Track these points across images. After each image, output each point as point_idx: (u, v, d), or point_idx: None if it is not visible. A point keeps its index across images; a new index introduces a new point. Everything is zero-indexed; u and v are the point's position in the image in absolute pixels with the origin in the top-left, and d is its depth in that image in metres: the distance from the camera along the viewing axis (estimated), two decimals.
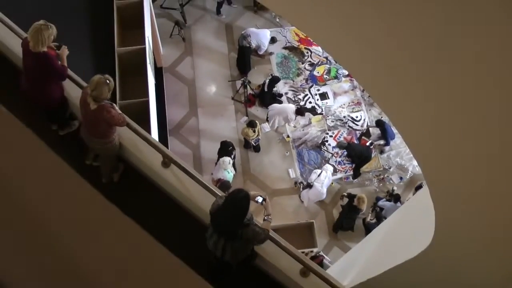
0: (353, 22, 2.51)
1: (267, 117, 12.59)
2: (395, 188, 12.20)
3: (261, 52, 13.79)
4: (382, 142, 12.66)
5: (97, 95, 5.42)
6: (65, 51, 6.03)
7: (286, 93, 13.64)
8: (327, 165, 12.01)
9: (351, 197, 11.24)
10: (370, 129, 13.04)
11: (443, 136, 2.59)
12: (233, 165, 11.09)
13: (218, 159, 10.94)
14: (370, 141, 12.69)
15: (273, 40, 14.07)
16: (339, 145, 12.30)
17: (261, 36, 13.47)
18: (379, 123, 12.53)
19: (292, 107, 12.48)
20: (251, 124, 11.76)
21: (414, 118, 2.70)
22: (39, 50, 5.62)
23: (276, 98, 13.27)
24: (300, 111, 12.55)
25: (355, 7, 2.44)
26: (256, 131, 11.85)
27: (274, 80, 13.19)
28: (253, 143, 12.27)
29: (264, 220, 5.41)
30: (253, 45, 13.33)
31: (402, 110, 2.73)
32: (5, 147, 1.23)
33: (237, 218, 5.03)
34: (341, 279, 5.77)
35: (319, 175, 11.39)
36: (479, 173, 2.59)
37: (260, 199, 5.45)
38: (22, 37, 6.18)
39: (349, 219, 11.40)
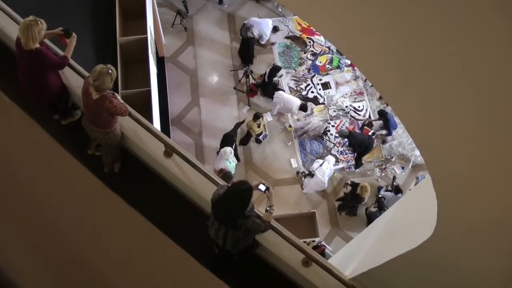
0: (356, 9, 2.50)
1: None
2: (396, 177, 12.23)
3: (263, 42, 13.76)
4: (384, 132, 12.67)
5: (99, 85, 5.41)
6: (73, 41, 6.01)
7: (287, 83, 13.63)
8: (330, 156, 12.02)
9: (354, 185, 11.28)
10: (373, 120, 13.03)
11: (446, 124, 2.59)
12: (235, 155, 11.08)
13: (219, 150, 10.95)
14: (372, 131, 12.70)
15: (275, 29, 14.04)
16: (341, 134, 12.31)
17: (263, 25, 13.43)
18: (382, 113, 12.55)
19: (298, 102, 12.51)
20: (256, 116, 11.77)
21: (416, 106, 2.69)
22: (32, 47, 5.60)
23: (277, 88, 13.24)
24: (304, 107, 12.57)
25: None
26: (261, 125, 11.82)
27: (275, 69, 13.18)
28: (261, 138, 12.33)
29: (266, 211, 5.41)
30: (256, 35, 13.29)
31: (404, 99, 2.73)
32: (8, 137, 1.22)
33: (238, 209, 5.03)
34: (343, 268, 5.78)
35: (321, 165, 11.39)
36: (482, 161, 2.58)
37: (263, 187, 5.45)
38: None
39: (352, 208, 11.47)
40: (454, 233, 3.33)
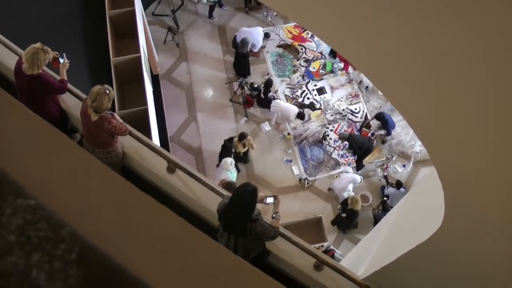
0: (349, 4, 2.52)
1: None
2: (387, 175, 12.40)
3: (256, 50, 13.78)
4: (383, 132, 12.69)
5: (97, 106, 5.42)
6: (66, 66, 6.03)
7: (283, 91, 13.65)
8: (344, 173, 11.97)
9: (344, 203, 11.22)
10: (371, 122, 13.06)
11: (447, 113, 2.60)
12: (236, 165, 11.05)
13: (219, 161, 10.93)
14: (371, 132, 12.72)
15: (266, 36, 14.13)
16: (341, 137, 12.31)
17: (255, 34, 13.48)
18: (379, 117, 12.56)
19: (295, 110, 12.53)
20: (241, 136, 11.48)
21: (415, 98, 2.70)
22: (33, 73, 5.61)
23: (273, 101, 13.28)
24: (301, 115, 12.58)
25: None
26: (246, 144, 11.68)
27: (269, 84, 13.19)
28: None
29: (272, 218, 5.41)
30: (249, 46, 13.31)
31: (403, 92, 2.74)
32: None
33: (245, 212, 5.01)
34: (355, 269, 5.77)
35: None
36: (486, 148, 2.59)
37: (270, 199, 5.47)
38: (11, 49, 6.15)
39: (351, 221, 11.43)
40: (462, 222, 3.34)
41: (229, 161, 10.46)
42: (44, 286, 0.52)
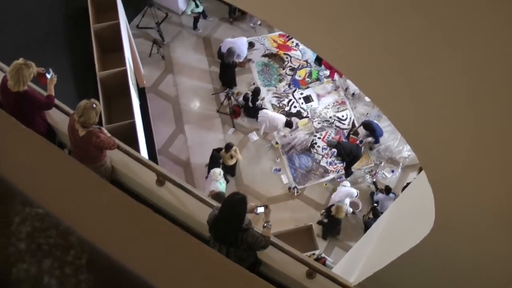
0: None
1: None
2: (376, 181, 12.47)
3: (241, 60, 13.77)
4: (370, 139, 12.75)
5: (85, 120, 5.40)
6: (54, 81, 6.00)
7: (270, 101, 13.69)
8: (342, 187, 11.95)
9: (328, 210, 11.23)
10: (358, 129, 13.09)
11: (435, 115, 2.62)
12: (224, 176, 11.03)
13: (208, 172, 10.92)
14: (360, 139, 12.76)
15: (251, 45, 14.15)
16: (329, 144, 12.34)
17: (239, 44, 13.47)
18: (367, 126, 12.60)
19: (283, 119, 12.54)
20: (227, 147, 11.49)
21: (402, 102, 2.72)
22: (20, 90, 5.59)
23: (260, 109, 13.29)
24: (289, 124, 12.61)
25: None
26: (233, 156, 11.67)
27: (256, 92, 13.21)
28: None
29: (264, 227, 5.41)
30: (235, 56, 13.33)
31: (390, 96, 2.76)
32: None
33: (235, 221, 5.01)
34: (347, 276, 5.78)
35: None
36: (474, 150, 2.62)
37: (261, 209, 5.48)
38: None
39: (333, 232, 11.47)
40: (453, 223, 3.36)
41: (218, 171, 10.46)
42: None
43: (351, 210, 11.50)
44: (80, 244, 0.56)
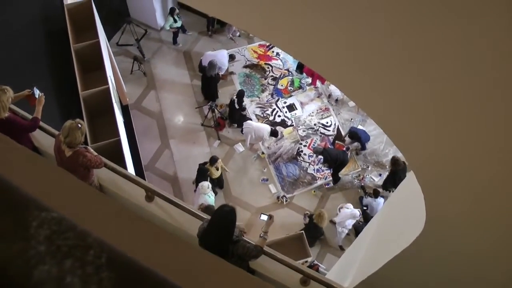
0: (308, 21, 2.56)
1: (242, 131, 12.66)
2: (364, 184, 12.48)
3: (222, 73, 13.82)
4: (356, 144, 12.83)
5: (71, 141, 5.37)
6: (42, 101, 5.98)
7: (254, 112, 13.72)
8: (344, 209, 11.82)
9: (311, 216, 11.21)
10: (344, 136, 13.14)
11: (421, 115, 2.64)
12: (212, 189, 11.02)
13: (196, 186, 10.91)
14: (346, 147, 12.80)
15: (232, 58, 14.20)
16: (315, 151, 12.38)
17: (219, 57, 13.50)
18: (353, 135, 12.64)
19: (268, 129, 12.57)
20: (212, 160, 11.52)
21: (387, 104, 2.75)
22: (2, 117, 5.55)
23: (245, 116, 13.37)
24: (275, 133, 12.64)
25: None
26: (219, 168, 11.71)
27: (241, 95, 13.24)
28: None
29: (260, 236, 5.40)
30: (216, 69, 13.35)
31: (375, 100, 2.79)
32: None
33: (225, 233, 4.98)
34: (341, 282, 5.78)
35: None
36: (463, 148, 2.64)
37: (264, 217, 5.51)
38: None
39: (311, 238, 11.28)
40: (445, 223, 3.38)
41: (206, 184, 10.45)
42: None
43: (349, 227, 11.42)
44: (99, 244, 0.57)
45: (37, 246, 0.56)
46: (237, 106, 13.15)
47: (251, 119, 13.28)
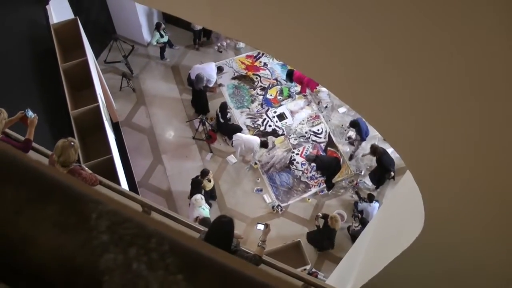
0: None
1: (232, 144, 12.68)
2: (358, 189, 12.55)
3: (211, 85, 13.86)
4: (356, 136, 12.91)
5: (65, 159, 5.32)
6: (34, 122, 5.94)
7: (244, 122, 13.74)
8: None
9: (325, 217, 11.22)
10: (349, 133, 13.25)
11: (416, 114, 2.65)
12: (206, 201, 11.01)
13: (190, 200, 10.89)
14: (349, 140, 12.91)
15: (220, 70, 14.23)
16: (308, 158, 12.42)
17: (207, 69, 13.56)
18: (354, 124, 12.68)
19: (257, 140, 12.57)
20: (204, 173, 11.59)
21: (381, 104, 2.76)
22: None
23: (232, 124, 13.44)
24: (265, 144, 12.65)
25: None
26: (211, 180, 11.74)
27: (223, 108, 13.30)
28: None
29: (258, 245, 5.40)
30: (204, 82, 13.38)
31: (368, 100, 2.80)
32: None
33: (223, 244, 4.97)
34: (342, 287, 5.78)
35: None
36: (458, 144, 2.65)
37: (260, 226, 5.49)
38: None
39: (329, 240, 11.41)
40: (444, 222, 3.39)
41: (199, 197, 10.43)
42: (148, 275, 0.54)
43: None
44: (159, 233, 0.58)
45: (99, 236, 0.57)
46: (222, 120, 13.18)
47: (241, 129, 13.33)
